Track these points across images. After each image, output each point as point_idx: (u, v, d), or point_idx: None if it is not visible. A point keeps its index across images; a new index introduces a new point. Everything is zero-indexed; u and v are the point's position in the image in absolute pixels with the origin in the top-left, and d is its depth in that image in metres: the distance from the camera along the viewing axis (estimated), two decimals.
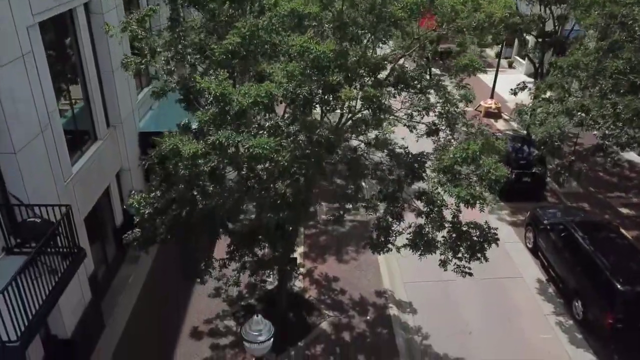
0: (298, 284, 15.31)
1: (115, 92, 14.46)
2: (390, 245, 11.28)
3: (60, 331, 11.70)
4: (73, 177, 11.99)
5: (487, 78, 33.75)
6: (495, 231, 11.05)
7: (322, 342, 13.31)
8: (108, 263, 15.03)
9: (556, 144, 13.85)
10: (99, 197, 13.83)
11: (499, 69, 29.44)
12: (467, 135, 10.37)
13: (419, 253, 10.79)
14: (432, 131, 10.86)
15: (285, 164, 8.13)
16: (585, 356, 13.23)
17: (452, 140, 10.49)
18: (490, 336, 13.72)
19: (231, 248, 11.79)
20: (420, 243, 10.47)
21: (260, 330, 6.89)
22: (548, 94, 16.11)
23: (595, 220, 17.17)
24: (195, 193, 9.50)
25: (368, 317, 14.20)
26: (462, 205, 9.47)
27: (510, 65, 36.02)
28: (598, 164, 22.84)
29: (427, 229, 10.51)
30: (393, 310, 14.44)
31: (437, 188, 9.76)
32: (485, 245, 10.52)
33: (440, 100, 10.38)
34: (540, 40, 22.99)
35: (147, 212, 10.09)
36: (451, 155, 9.02)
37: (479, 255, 10.59)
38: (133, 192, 11.84)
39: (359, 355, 12.97)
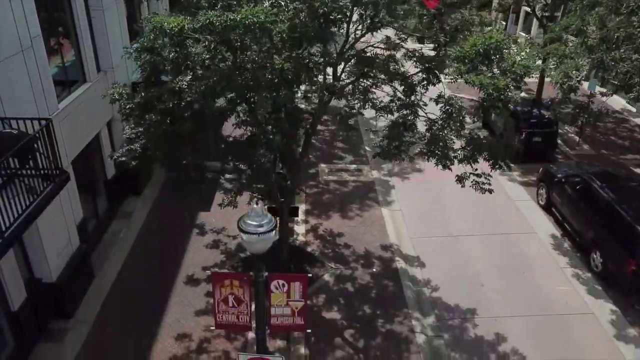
0: (300, 238, 14.52)
1: (106, 34, 13.70)
2: (403, 155, 10.54)
3: (45, 274, 10.93)
4: (59, 114, 11.21)
5: None
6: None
7: (325, 293, 12.51)
8: (99, 217, 14.25)
9: (574, 85, 13.05)
10: (87, 143, 13.06)
11: None
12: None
13: (434, 161, 10.03)
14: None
15: (284, 34, 7.33)
16: (604, 306, 12.43)
17: None
18: (503, 288, 12.93)
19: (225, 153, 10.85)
20: (437, 149, 9.67)
21: (261, 221, 6.09)
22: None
23: (613, 170, 16.42)
24: (183, 83, 8.62)
25: (374, 270, 13.40)
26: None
27: (515, 42, 35.21)
28: (609, 128, 22.16)
29: (443, 133, 9.73)
30: (400, 264, 13.65)
31: (457, 79, 8.94)
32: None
33: None
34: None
35: (128, 106, 9.24)
36: (473, 44, 8.23)
37: (500, 164, 9.79)
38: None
39: (365, 306, 12.16)
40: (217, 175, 12.92)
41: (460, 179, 10.42)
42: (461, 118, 9.60)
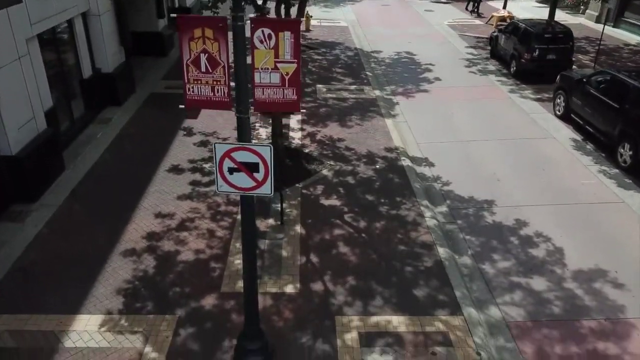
0: (296, 141, 13.17)
1: None
2: None
3: (3, 147, 9.59)
4: None
5: (496, 4, 31.86)
6: None
7: (324, 185, 11.16)
8: (73, 118, 12.93)
9: None
10: (58, 24, 11.78)
11: None
12: None
13: None
14: None
15: None
16: (635, 197, 11.08)
17: None
18: (522, 183, 11.58)
19: None
20: None
21: None
22: None
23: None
24: None
25: (377, 166, 12.04)
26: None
27: None
28: (624, 58, 20.88)
29: None
30: (406, 162, 12.29)
31: None
32: None
33: None
34: None
35: None
36: None
37: None
38: None
39: (367, 195, 10.80)
40: None
41: None
42: None
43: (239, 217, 9.37)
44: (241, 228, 6.05)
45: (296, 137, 13.44)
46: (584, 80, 13.87)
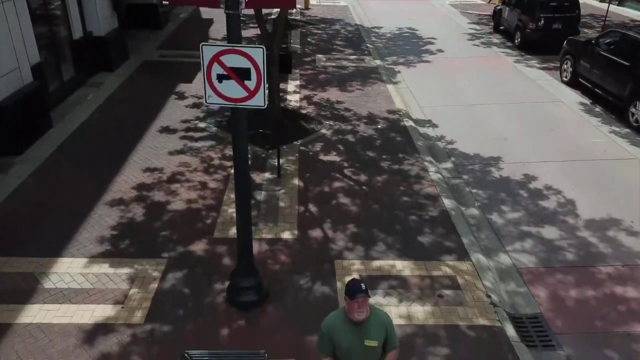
0: (293, 104, 12.69)
1: None
2: None
3: None
4: None
5: None
6: None
7: (322, 142, 10.67)
8: (63, 80, 12.45)
9: None
10: None
11: None
12: None
13: None
14: None
15: None
16: None
17: None
18: (530, 142, 11.10)
19: None
20: None
21: None
22: None
23: None
24: None
25: (378, 126, 11.56)
26: None
27: None
28: None
29: None
30: (409, 123, 11.80)
31: None
32: None
33: None
34: None
35: None
36: None
37: None
38: None
39: (368, 151, 10.32)
40: None
41: None
42: None
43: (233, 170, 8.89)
44: (233, 150, 5.57)
45: (293, 99, 12.96)
46: (593, 41, 13.39)
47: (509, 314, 6.38)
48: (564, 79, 14.63)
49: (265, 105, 5.15)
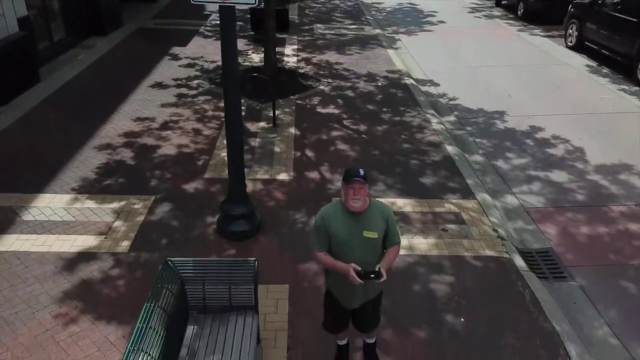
0: (290, 64, 12.30)
1: None
2: None
3: None
4: None
5: None
6: None
7: (320, 97, 10.29)
8: (52, 39, 12.08)
9: None
10: None
11: None
12: None
13: None
14: None
15: None
16: None
17: None
18: (536, 98, 10.71)
19: None
20: None
21: None
22: None
23: None
24: None
25: (378, 84, 11.17)
26: None
27: None
28: None
29: None
30: (410, 81, 11.41)
31: None
32: None
33: None
34: None
35: None
36: None
37: None
38: None
39: (368, 105, 9.93)
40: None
41: None
42: None
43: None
44: (222, 59, 5.18)
45: (290, 61, 12.57)
46: (599, 1, 12.99)
47: (517, 249, 6.00)
48: (569, 43, 14.23)
49: (256, 3, 4.75)
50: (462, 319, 4.82)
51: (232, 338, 3.95)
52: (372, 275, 3.45)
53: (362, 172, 3.53)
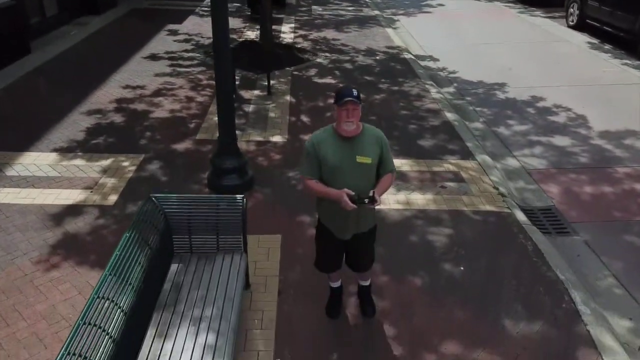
0: (287, 40, 12.09)
1: None
2: None
3: None
4: None
5: None
6: None
7: (318, 69, 10.08)
8: (45, 14, 11.84)
9: None
10: None
11: None
12: None
13: None
14: None
15: None
16: None
17: None
18: (537, 71, 10.49)
19: None
20: None
21: None
22: None
23: None
24: None
25: (377, 57, 10.95)
26: None
27: None
28: None
29: None
30: (409, 56, 11.20)
31: None
32: None
33: None
34: None
35: None
36: None
37: None
38: None
39: (366, 76, 9.72)
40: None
41: None
42: None
43: None
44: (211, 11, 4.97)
45: (287, 37, 12.36)
46: None
47: (519, 206, 5.79)
48: (570, 23, 14.03)
49: None
50: (462, 268, 4.61)
51: (219, 275, 3.74)
52: (366, 200, 3.24)
53: (355, 91, 3.31)
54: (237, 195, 3.96)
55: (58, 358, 2.39)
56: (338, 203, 3.27)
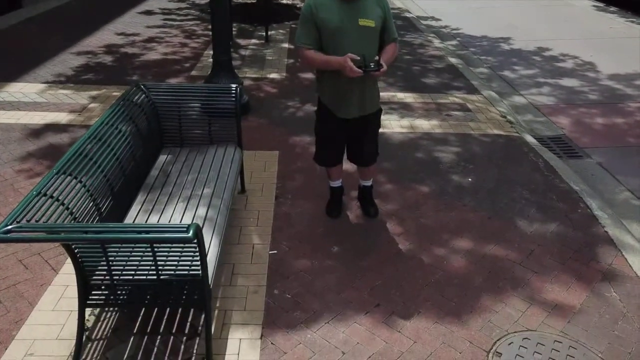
0: (286, 1, 11.82)
1: None
2: None
3: None
4: None
5: None
6: None
7: None
8: None
9: None
10: None
11: None
12: None
13: None
14: None
15: None
16: None
17: None
18: (543, 29, 10.22)
19: None
20: None
21: None
22: None
23: None
24: None
25: None
26: None
27: None
28: None
29: None
30: (410, 15, 10.93)
31: None
32: None
33: None
34: None
35: None
36: None
37: None
38: None
39: None
40: None
41: None
42: None
43: None
44: None
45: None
46: None
47: (528, 134, 5.52)
48: None
49: None
50: (470, 179, 4.35)
51: (211, 162, 3.47)
52: (372, 65, 2.99)
53: None
54: (232, 85, 3.69)
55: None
56: (342, 70, 3.01)
